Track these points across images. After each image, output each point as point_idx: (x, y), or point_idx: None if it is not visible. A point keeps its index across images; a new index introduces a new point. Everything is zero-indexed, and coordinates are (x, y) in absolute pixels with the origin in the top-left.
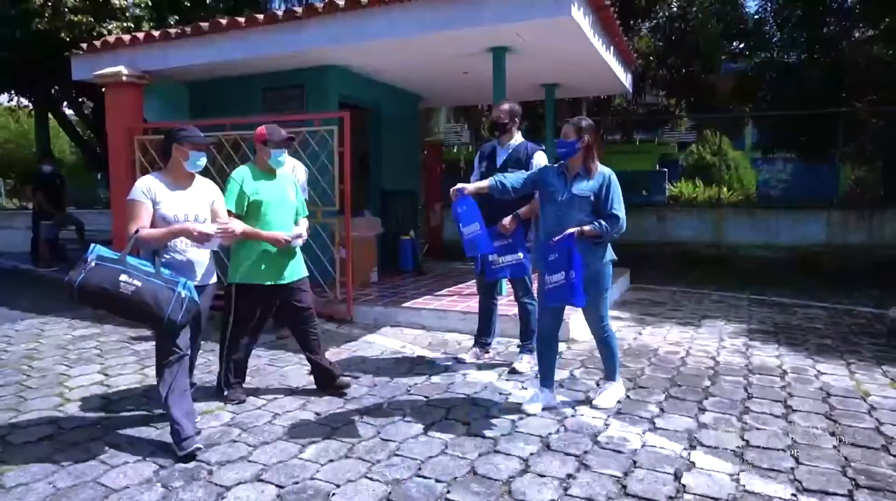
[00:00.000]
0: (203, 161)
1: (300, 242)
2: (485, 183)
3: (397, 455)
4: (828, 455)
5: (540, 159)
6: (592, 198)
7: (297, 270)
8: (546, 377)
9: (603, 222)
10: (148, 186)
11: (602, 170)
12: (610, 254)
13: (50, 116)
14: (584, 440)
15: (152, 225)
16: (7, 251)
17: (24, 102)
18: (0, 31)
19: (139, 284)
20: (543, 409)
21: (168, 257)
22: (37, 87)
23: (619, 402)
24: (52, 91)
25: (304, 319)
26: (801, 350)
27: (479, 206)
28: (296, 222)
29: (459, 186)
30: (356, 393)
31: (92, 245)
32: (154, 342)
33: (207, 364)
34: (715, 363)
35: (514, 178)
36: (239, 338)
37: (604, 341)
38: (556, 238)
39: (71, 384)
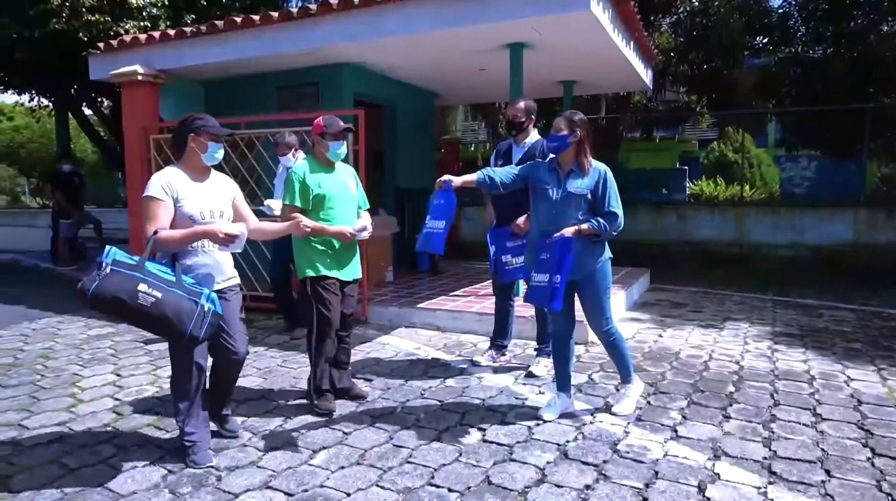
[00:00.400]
0: (221, 153)
1: (366, 234)
2: (472, 177)
3: (410, 463)
4: (861, 468)
5: None
6: (589, 195)
7: (355, 268)
8: (562, 382)
9: (601, 221)
10: (168, 182)
11: (597, 166)
12: (608, 252)
13: (70, 115)
14: (603, 448)
15: (174, 225)
16: (29, 250)
17: (45, 102)
18: (18, 31)
19: (159, 295)
20: (561, 415)
21: (190, 260)
22: (56, 87)
23: (639, 408)
24: (72, 91)
25: (345, 325)
26: (828, 355)
27: (495, 205)
28: (357, 215)
29: (446, 177)
30: (369, 397)
31: (108, 248)
32: (164, 345)
33: None
34: (739, 368)
35: (503, 172)
36: (326, 336)
37: (611, 343)
38: (553, 237)
39: (84, 384)
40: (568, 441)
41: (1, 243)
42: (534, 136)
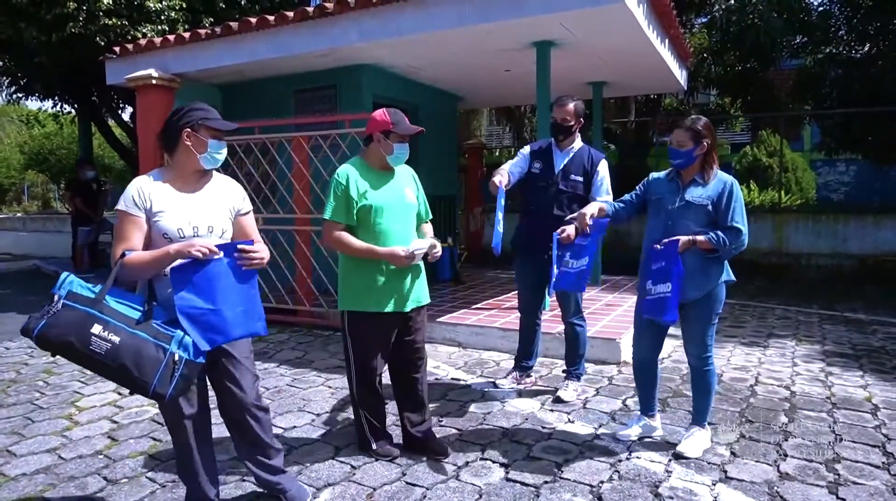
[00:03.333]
0: (224, 154)
1: (438, 252)
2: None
3: None
4: None
5: (604, 170)
6: (710, 207)
7: (421, 293)
8: (646, 405)
9: (721, 235)
10: (140, 190)
11: (722, 176)
12: (727, 274)
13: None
14: (642, 491)
15: (148, 245)
16: (53, 256)
17: (67, 108)
18: (36, 36)
19: (117, 339)
20: (594, 450)
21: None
22: (77, 92)
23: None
24: (93, 97)
25: (415, 362)
26: (890, 379)
27: (530, 216)
28: (417, 229)
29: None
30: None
31: (63, 275)
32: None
33: None
34: (790, 394)
35: (622, 206)
36: (365, 384)
37: (702, 375)
38: (664, 242)
39: (82, 404)
40: (602, 482)
41: (28, 249)
42: (578, 141)
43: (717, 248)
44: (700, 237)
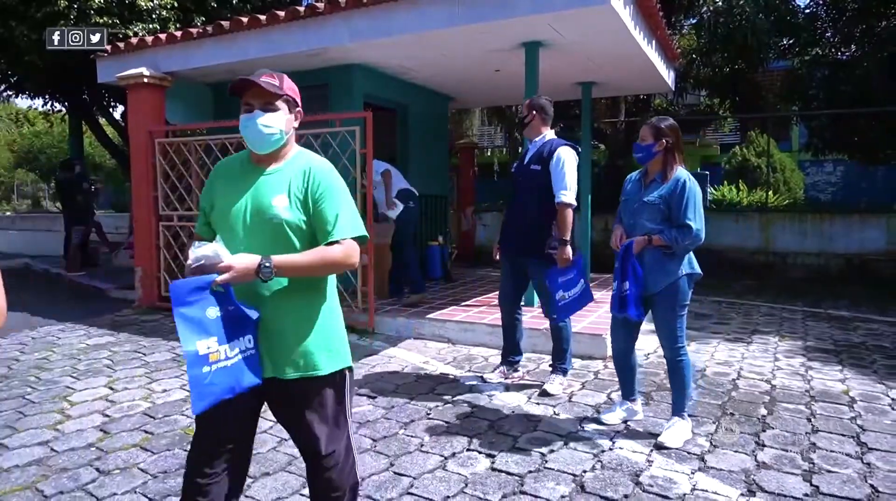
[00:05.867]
0: None
1: (226, 277)
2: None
3: (410, 494)
4: None
5: (564, 155)
6: (662, 205)
7: (290, 356)
8: (626, 391)
9: (673, 232)
10: None
11: (678, 174)
12: (688, 267)
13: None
14: (623, 479)
15: None
16: (43, 254)
17: (58, 106)
18: (26, 34)
19: None
20: (577, 440)
21: None
22: (68, 91)
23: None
24: (84, 96)
25: (313, 468)
26: (868, 373)
27: (505, 220)
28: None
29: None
30: (371, 416)
31: None
32: (162, 355)
33: None
34: (771, 388)
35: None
36: (191, 463)
37: (677, 366)
38: (618, 246)
39: (74, 398)
40: (585, 472)
41: (18, 248)
42: (547, 135)
43: (669, 244)
44: (655, 236)
